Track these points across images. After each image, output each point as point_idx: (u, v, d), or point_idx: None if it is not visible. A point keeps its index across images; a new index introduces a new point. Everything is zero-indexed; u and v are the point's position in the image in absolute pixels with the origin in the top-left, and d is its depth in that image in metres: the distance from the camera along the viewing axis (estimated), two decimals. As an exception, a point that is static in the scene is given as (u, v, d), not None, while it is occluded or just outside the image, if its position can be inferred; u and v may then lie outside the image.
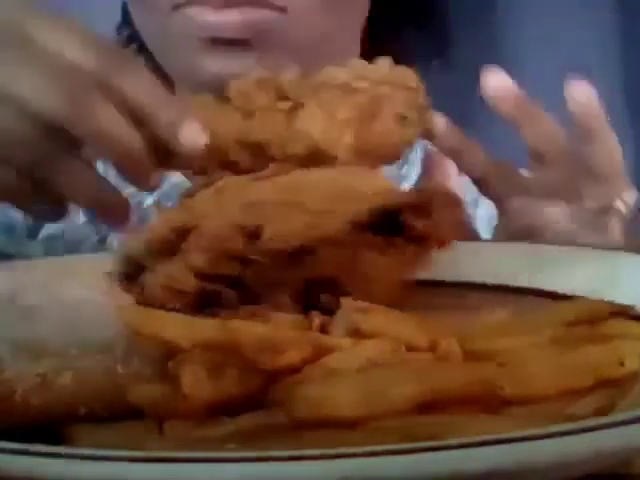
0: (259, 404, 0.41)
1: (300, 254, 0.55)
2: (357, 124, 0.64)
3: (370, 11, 1.02)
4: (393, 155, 0.66)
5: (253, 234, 0.55)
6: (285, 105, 0.64)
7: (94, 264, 0.60)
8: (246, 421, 0.41)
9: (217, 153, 0.64)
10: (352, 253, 0.56)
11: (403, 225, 0.57)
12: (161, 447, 0.39)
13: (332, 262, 0.55)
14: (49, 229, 0.99)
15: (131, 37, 1.10)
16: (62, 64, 0.59)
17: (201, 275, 0.55)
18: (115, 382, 0.44)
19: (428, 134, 0.71)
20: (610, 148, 0.74)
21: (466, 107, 0.74)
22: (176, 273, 0.55)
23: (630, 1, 1.26)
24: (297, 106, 0.64)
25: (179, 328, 0.42)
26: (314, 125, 0.63)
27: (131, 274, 0.58)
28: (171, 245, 0.57)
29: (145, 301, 0.53)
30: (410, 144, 0.67)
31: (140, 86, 0.61)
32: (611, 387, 0.44)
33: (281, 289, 0.54)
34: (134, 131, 0.61)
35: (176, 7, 0.90)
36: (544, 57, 1.21)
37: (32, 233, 1.00)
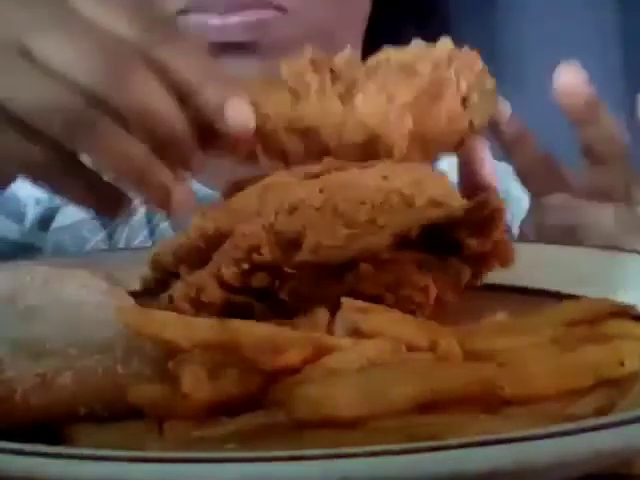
0: (259, 404, 0.41)
1: (341, 269, 0.52)
2: (418, 108, 0.59)
3: (371, 11, 1.02)
4: (455, 143, 0.62)
5: (291, 243, 0.52)
6: (340, 88, 0.60)
7: (94, 264, 0.59)
8: (246, 421, 0.41)
9: (266, 138, 0.60)
10: (398, 271, 0.53)
11: (458, 242, 0.54)
12: (161, 447, 0.39)
13: (375, 280, 0.52)
14: (58, 222, 0.99)
15: None
16: (105, 35, 0.57)
17: (227, 286, 0.52)
18: (115, 382, 0.44)
19: (493, 122, 0.66)
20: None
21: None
22: (202, 284, 0.53)
23: (630, 1, 1.26)
24: (352, 89, 0.60)
25: (179, 328, 0.42)
26: (372, 110, 0.59)
27: (161, 280, 0.57)
28: (200, 253, 0.55)
29: (172, 309, 0.51)
30: (475, 131, 0.62)
31: (186, 61, 0.58)
32: (611, 387, 0.44)
33: (318, 304, 0.51)
34: (178, 109, 0.57)
35: (180, 13, 0.90)
36: (544, 57, 1.21)
37: (44, 225, 1.00)
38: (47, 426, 0.42)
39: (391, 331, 0.45)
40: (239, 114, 0.58)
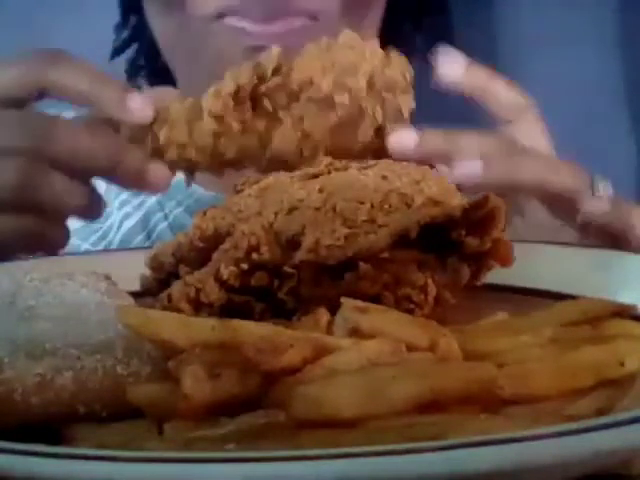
0: (259, 404, 0.41)
1: (340, 269, 0.52)
2: (332, 139, 0.64)
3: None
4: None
5: (291, 243, 0.52)
6: (260, 125, 0.65)
7: (94, 264, 0.59)
8: (246, 421, 0.41)
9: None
10: (397, 271, 0.52)
11: (457, 242, 0.53)
12: (161, 447, 0.39)
13: (374, 279, 0.52)
14: None
15: (129, 38, 1.10)
16: None
17: (226, 286, 0.52)
18: (115, 382, 0.44)
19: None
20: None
21: (466, 103, 0.74)
22: (201, 283, 0.53)
23: (630, 1, 1.26)
24: (271, 128, 0.64)
25: (178, 328, 0.42)
26: (287, 147, 0.64)
27: (161, 280, 0.57)
28: (200, 253, 0.55)
29: (171, 309, 0.52)
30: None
31: (77, 76, 0.66)
32: (611, 387, 0.44)
33: (318, 304, 0.50)
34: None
35: (215, 18, 0.90)
36: (544, 57, 1.21)
37: None
38: (47, 426, 0.42)
39: (391, 331, 0.45)
40: (137, 104, 0.65)
